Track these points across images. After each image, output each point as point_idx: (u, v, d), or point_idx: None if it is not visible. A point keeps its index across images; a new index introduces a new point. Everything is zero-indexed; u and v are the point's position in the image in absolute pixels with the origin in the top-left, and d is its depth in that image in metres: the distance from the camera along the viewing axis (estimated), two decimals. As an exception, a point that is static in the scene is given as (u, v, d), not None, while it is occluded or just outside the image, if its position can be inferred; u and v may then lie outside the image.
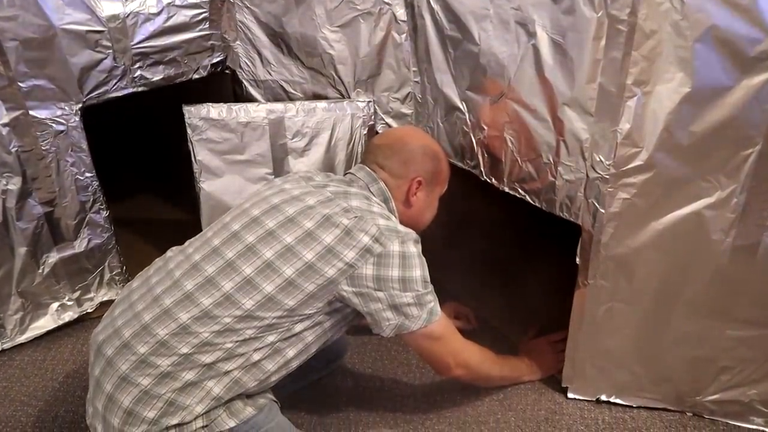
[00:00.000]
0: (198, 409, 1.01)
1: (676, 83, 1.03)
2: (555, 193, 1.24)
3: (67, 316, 1.65)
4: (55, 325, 1.64)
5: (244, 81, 1.65)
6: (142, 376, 1.01)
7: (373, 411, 1.39)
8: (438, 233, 1.38)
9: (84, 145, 1.52)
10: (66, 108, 1.46)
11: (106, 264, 1.68)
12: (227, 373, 1.04)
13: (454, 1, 1.33)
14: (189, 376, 1.02)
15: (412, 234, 1.12)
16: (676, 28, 1.00)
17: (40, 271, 1.57)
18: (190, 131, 1.51)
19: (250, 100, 1.65)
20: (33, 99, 1.41)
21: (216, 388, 1.03)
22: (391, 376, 1.49)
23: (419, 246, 1.12)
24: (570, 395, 1.40)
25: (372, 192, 1.20)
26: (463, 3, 1.31)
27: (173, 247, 1.19)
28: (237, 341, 1.04)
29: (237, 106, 1.52)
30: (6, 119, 1.39)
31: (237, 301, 1.04)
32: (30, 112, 1.41)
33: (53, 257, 1.58)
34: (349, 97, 1.59)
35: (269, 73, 1.63)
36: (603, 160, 1.13)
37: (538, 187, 1.28)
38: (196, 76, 1.63)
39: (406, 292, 1.09)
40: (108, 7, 1.43)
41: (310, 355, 1.16)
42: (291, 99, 1.63)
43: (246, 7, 1.57)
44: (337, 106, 1.55)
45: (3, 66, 1.34)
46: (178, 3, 1.52)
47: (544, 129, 1.22)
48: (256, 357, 1.06)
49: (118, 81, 1.50)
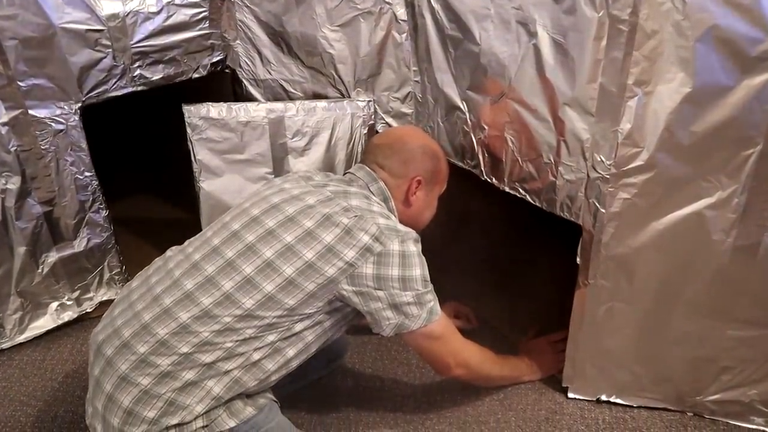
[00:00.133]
0: (198, 408, 1.01)
1: (677, 83, 1.03)
2: (555, 192, 1.24)
3: (67, 316, 1.65)
4: (54, 325, 1.64)
5: (244, 80, 1.65)
6: (142, 375, 1.00)
7: (373, 411, 1.39)
8: (438, 233, 1.38)
9: (83, 145, 1.51)
10: (65, 107, 1.45)
11: (106, 263, 1.68)
12: (227, 372, 1.04)
13: (455, 0, 1.33)
14: (189, 375, 1.01)
15: (412, 233, 1.12)
16: (677, 28, 1.00)
17: (40, 270, 1.57)
18: (189, 130, 1.50)
19: (250, 99, 1.65)
20: (32, 98, 1.41)
21: (216, 387, 1.03)
22: (391, 375, 1.49)
23: (419, 245, 1.12)
24: (570, 395, 1.40)
25: (372, 191, 1.20)
26: (463, 2, 1.31)
27: (173, 247, 1.19)
28: (237, 341, 1.04)
29: (237, 106, 1.52)
30: (5, 118, 1.38)
31: (237, 301, 1.04)
32: (29, 111, 1.41)
33: (52, 257, 1.57)
34: (350, 97, 1.58)
35: (269, 72, 1.63)
36: (604, 160, 1.13)
37: (538, 187, 1.28)
38: (196, 76, 1.62)
39: (406, 291, 1.09)
40: (108, 6, 1.42)
41: (311, 355, 1.15)
42: (291, 98, 1.62)
43: (246, 6, 1.57)
44: (337, 105, 1.55)
45: (2, 65, 1.34)
46: (177, 2, 1.52)
47: (544, 129, 1.22)
48: (257, 356, 1.06)
49: (118, 80, 1.50)
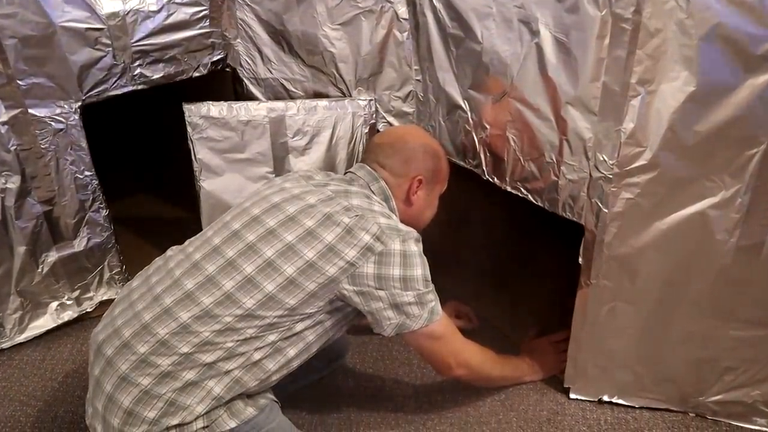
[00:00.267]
0: (199, 409, 1.01)
1: (681, 82, 1.03)
2: (558, 192, 1.23)
3: (67, 316, 1.65)
4: (54, 325, 1.63)
5: (244, 79, 1.64)
6: (143, 375, 1.00)
7: (374, 411, 1.38)
8: (439, 232, 1.37)
9: (83, 144, 1.51)
10: (65, 106, 1.45)
11: (106, 263, 1.67)
12: (228, 372, 1.03)
13: (457, -2, 1.32)
14: (189, 375, 1.01)
15: (413, 233, 1.11)
16: (681, 26, 0.99)
17: (40, 270, 1.56)
18: (190, 129, 1.50)
19: (251, 98, 1.64)
20: (32, 97, 1.40)
21: (217, 387, 1.02)
22: (392, 376, 1.49)
23: (420, 245, 1.12)
24: (572, 396, 1.39)
25: (372, 191, 1.20)
26: (465, 1, 1.30)
27: (173, 246, 1.19)
28: (238, 340, 1.03)
29: (237, 105, 1.51)
30: (5, 117, 1.38)
31: (238, 300, 1.03)
32: (29, 111, 1.41)
33: (52, 256, 1.57)
34: (351, 96, 1.58)
35: (270, 71, 1.62)
36: (606, 159, 1.12)
37: (540, 187, 1.27)
38: (197, 74, 1.62)
39: (407, 291, 1.08)
40: (108, 5, 1.42)
41: (311, 355, 1.15)
42: (292, 97, 1.62)
43: (246, 4, 1.57)
44: (339, 104, 1.55)
45: (2, 64, 1.33)
46: (178, 0, 1.51)
47: (547, 128, 1.21)
48: (257, 356, 1.05)
49: (118, 79, 1.49)
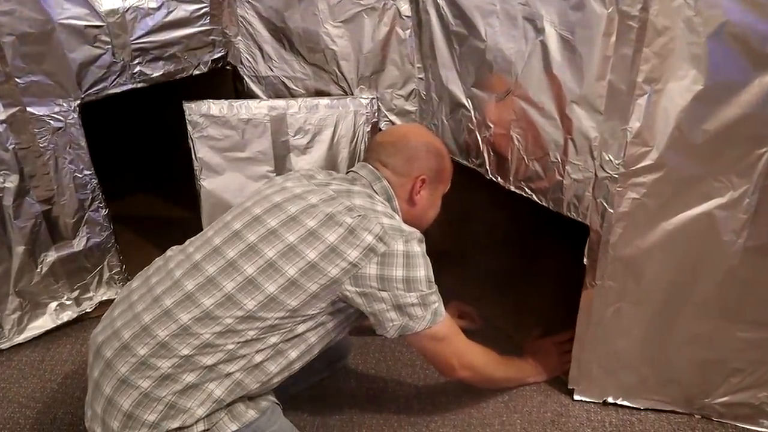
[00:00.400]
0: (199, 412, 1.00)
1: (689, 81, 1.01)
2: (562, 192, 1.22)
3: (66, 316, 1.64)
4: (53, 325, 1.62)
5: (245, 77, 1.63)
6: (142, 378, 0.99)
7: (376, 413, 1.37)
8: (442, 232, 1.36)
9: (82, 143, 1.50)
10: (64, 104, 1.44)
11: (105, 263, 1.66)
12: (229, 375, 1.02)
13: (460, -4, 1.31)
14: (190, 378, 1.00)
15: (417, 233, 1.10)
16: (688, 24, 0.98)
17: (38, 270, 1.55)
18: (190, 128, 1.49)
19: (252, 96, 1.64)
20: (30, 95, 1.39)
21: (217, 390, 1.01)
22: (394, 377, 1.48)
23: (423, 245, 1.11)
24: (576, 397, 1.38)
25: (375, 190, 1.18)
26: (469, -2, 1.29)
27: (173, 247, 1.18)
28: (239, 342, 1.02)
29: (238, 103, 1.51)
30: (3, 116, 1.37)
31: (239, 302, 1.02)
32: (27, 109, 1.40)
33: (51, 256, 1.56)
34: (352, 94, 1.57)
35: (271, 69, 1.61)
36: (612, 159, 1.11)
37: (545, 186, 1.26)
38: (197, 72, 1.61)
39: (410, 292, 1.07)
40: (107, 2, 1.41)
41: (313, 356, 1.14)
42: (293, 95, 1.61)
43: (247, 1, 1.56)
44: (340, 102, 1.54)
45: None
46: (178, -2, 1.50)
47: (551, 127, 1.20)
48: (259, 358, 1.04)
49: (117, 77, 1.48)
